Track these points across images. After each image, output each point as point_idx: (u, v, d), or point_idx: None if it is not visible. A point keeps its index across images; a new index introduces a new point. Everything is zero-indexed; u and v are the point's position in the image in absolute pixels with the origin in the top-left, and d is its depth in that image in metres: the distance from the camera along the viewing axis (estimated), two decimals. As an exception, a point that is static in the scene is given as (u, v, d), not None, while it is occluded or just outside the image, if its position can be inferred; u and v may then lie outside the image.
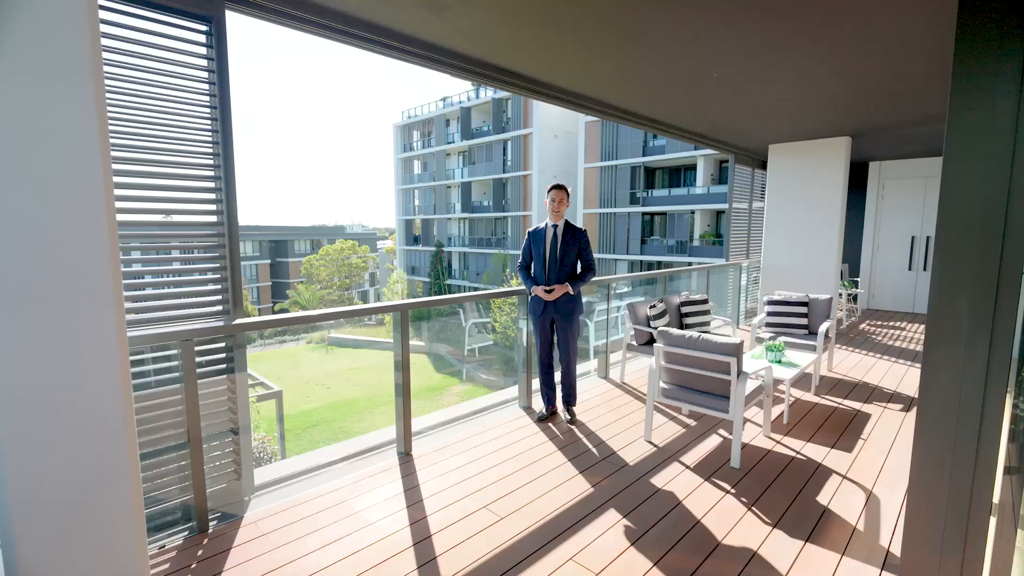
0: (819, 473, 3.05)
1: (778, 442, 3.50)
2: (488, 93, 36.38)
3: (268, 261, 48.52)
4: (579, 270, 3.84)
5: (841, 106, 5.19)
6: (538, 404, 4.10)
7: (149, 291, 2.60)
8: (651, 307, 4.57)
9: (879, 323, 7.95)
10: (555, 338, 3.88)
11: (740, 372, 3.09)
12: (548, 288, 3.69)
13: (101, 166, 1.43)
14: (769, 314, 5.27)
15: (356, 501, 2.72)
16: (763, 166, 8.74)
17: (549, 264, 3.71)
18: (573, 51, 3.50)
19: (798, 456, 3.28)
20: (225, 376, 2.64)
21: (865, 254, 9.41)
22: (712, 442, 3.50)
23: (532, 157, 33.30)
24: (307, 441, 16.72)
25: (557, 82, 4.26)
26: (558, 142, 34.20)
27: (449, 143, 39.25)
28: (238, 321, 2.52)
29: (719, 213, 27.88)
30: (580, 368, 5.35)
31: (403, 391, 3.21)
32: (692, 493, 2.81)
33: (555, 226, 3.73)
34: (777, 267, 7.50)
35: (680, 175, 30.13)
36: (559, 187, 3.72)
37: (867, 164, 9.32)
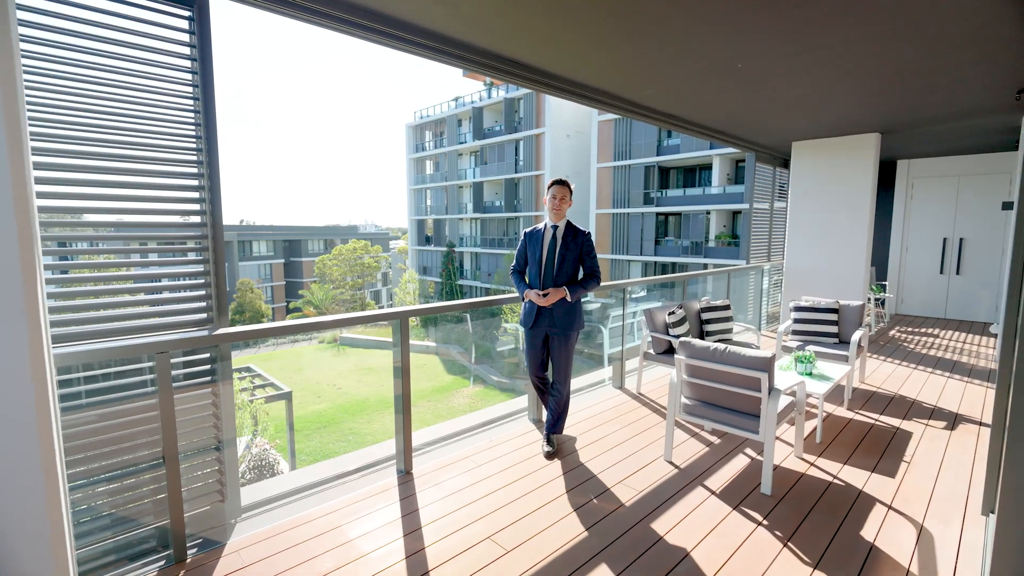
0: (861, 502, 2.75)
1: (812, 464, 3.20)
2: (500, 93, 36.17)
3: (282, 260, 48.89)
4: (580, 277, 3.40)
5: (872, 99, 4.86)
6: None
7: (126, 297, 2.40)
8: (670, 314, 4.29)
9: (910, 330, 7.55)
10: (547, 356, 3.40)
11: (772, 389, 2.80)
12: (542, 292, 3.20)
13: (8, 161, 1.20)
14: (796, 321, 4.95)
15: (350, 527, 2.49)
16: (785, 164, 8.39)
17: (545, 269, 3.23)
18: (583, 40, 3.24)
19: (836, 481, 2.98)
20: (208, 388, 2.43)
21: (893, 256, 8.99)
22: (738, 463, 3.21)
23: (544, 157, 33.00)
24: (317, 443, 16.64)
25: (567, 74, 3.99)
26: (570, 142, 33.87)
27: (461, 143, 39.11)
28: (220, 331, 2.30)
29: (735, 213, 27.36)
30: (594, 376, 5.09)
31: (403, 405, 2.98)
32: (720, 524, 2.53)
33: (555, 227, 3.26)
34: (801, 270, 7.15)
35: (695, 175, 29.62)
36: (561, 183, 3.22)
37: (895, 162, 8.90)
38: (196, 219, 2.39)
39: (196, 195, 2.36)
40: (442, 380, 22.30)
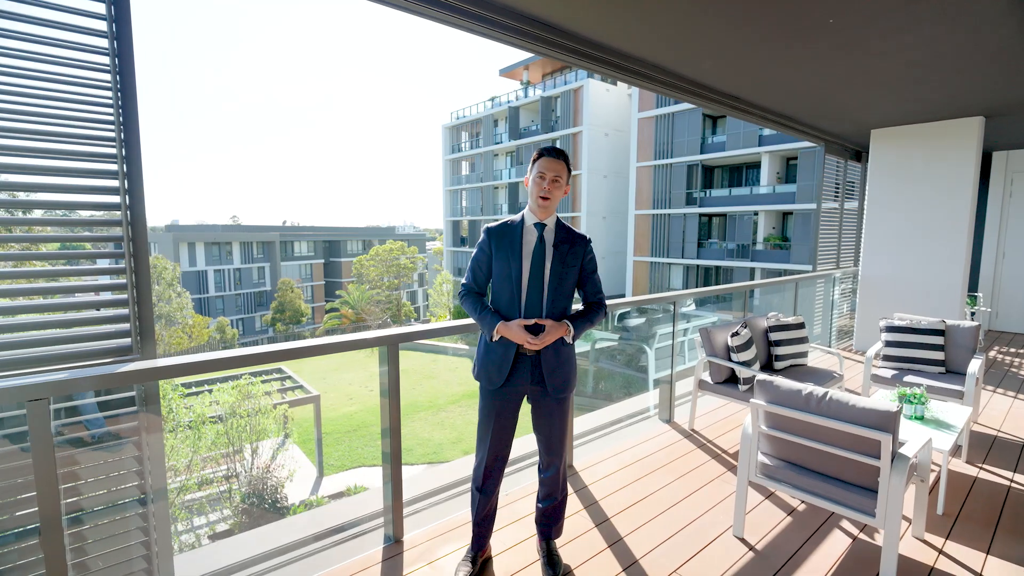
0: (1031, 625, 1.91)
1: (940, 550, 2.36)
2: (537, 92, 35.50)
3: (322, 261, 49.85)
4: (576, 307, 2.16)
5: (982, 71, 3.90)
6: (590, 469, 3.10)
7: (13, 319, 1.84)
8: (733, 335, 3.49)
9: (1013, 351, 6.39)
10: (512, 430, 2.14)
11: (896, 455, 2.00)
12: (530, 323, 1.97)
13: None
14: (888, 344, 4.04)
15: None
16: (857, 157, 7.35)
17: (529, 292, 1.99)
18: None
19: (982, 583, 2.14)
20: (132, 424, 1.85)
21: (986, 264, 7.76)
22: (836, 544, 2.40)
23: (581, 156, 32.07)
24: (345, 448, 16.37)
25: (611, 42, 3.27)
26: (608, 140, 32.81)
27: (497, 143, 38.63)
28: (130, 368, 1.70)
29: (786, 215, 25.68)
30: (635, 403, 4.32)
31: (391, 456, 2.32)
32: (825, 655, 1.76)
33: (540, 226, 2.03)
34: (878, 279, 6.14)
35: (741, 173, 28.06)
36: (555, 154, 2.01)
37: (990, 154, 7.68)
38: (109, 214, 1.81)
39: (112, 184, 1.78)
40: (472, 384, 21.75)
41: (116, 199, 1.78)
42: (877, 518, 2.02)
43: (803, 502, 2.77)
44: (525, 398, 2.12)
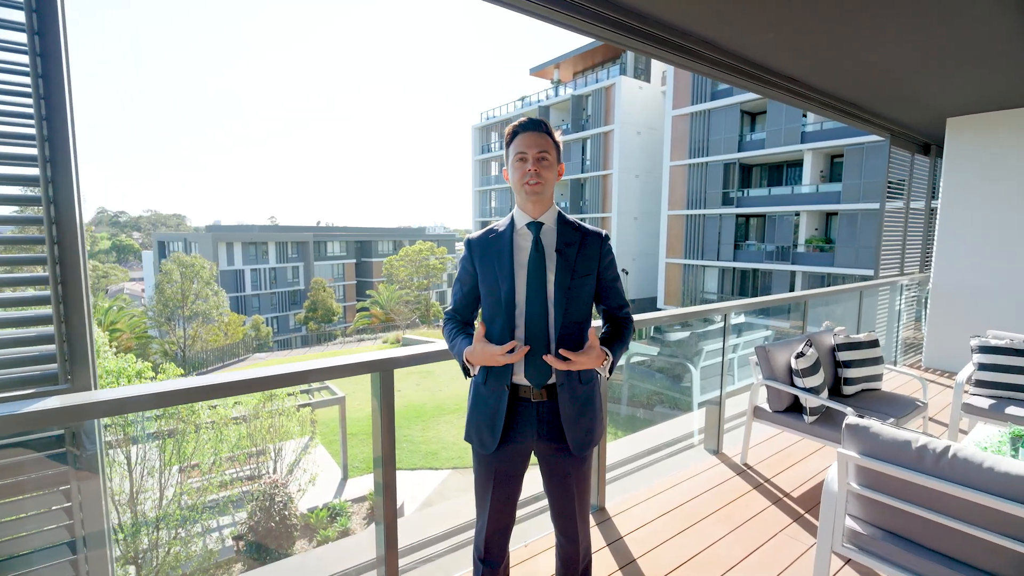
0: None
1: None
2: (568, 91, 34.93)
3: (354, 260, 50.59)
4: (593, 322, 1.62)
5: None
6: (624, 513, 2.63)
7: None
8: (798, 356, 2.95)
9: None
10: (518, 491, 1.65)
11: (1054, 540, 1.46)
12: (508, 348, 1.43)
13: None
14: (982, 367, 3.41)
15: None
16: (925, 151, 6.59)
17: (529, 314, 1.48)
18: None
19: None
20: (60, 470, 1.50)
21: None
22: (947, 636, 1.87)
23: (613, 155, 31.31)
24: (371, 450, 16.22)
25: (653, 11, 2.80)
26: (640, 139, 31.95)
27: (526, 143, 38.23)
28: (41, 407, 1.33)
29: (830, 215, 24.36)
30: (677, 427, 3.82)
31: (384, 488, 1.91)
32: None
33: (535, 225, 1.53)
34: (954, 287, 5.42)
35: (782, 172, 26.81)
36: (533, 126, 1.50)
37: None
38: (27, 210, 1.46)
39: (32, 171, 1.43)
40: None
41: (36, 191, 1.43)
42: (1025, 623, 1.49)
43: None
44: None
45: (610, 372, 1.55)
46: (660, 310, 30.04)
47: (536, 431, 1.52)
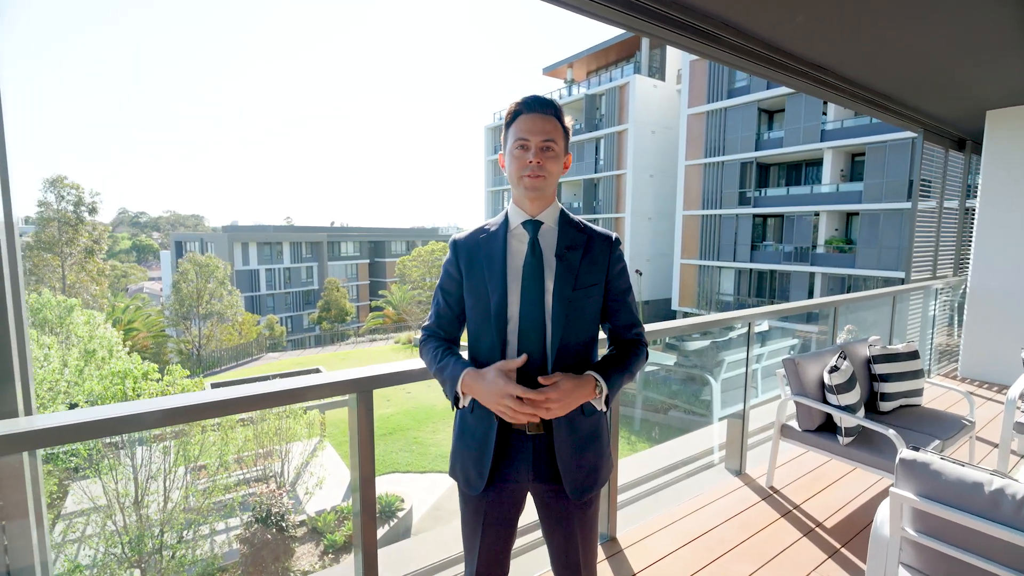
0: None
1: None
2: (581, 90, 34.59)
3: (367, 261, 50.83)
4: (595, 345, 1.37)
5: None
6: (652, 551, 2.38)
7: None
8: (831, 370, 2.67)
9: None
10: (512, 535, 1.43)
11: None
12: (520, 363, 1.20)
13: None
14: (1036, 382, 3.09)
15: None
16: (960, 146, 6.21)
17: (523, 330, 1.24)
18: None
19: None
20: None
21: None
22: None
23: (627, 155, 30.89)
24: (380, 451, 16.12)
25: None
26: (655, 138, 31.48)
27: (539, 143, 37.98)
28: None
29: (850, 215, 23.71)
30: (695, 442, 3.55)
31: (363, 539, 1.69)
32: None
33: (532, 225, 1.29)
34: (995, 293, 5.06)
35: (800, 171, 26.18)
36: (540, 106, 1.23)
37: None
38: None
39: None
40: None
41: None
42: None
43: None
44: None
45: (607, 404, 1.27)
46: (674, 312, 29.54)
47: (532, 469, 1.28)
